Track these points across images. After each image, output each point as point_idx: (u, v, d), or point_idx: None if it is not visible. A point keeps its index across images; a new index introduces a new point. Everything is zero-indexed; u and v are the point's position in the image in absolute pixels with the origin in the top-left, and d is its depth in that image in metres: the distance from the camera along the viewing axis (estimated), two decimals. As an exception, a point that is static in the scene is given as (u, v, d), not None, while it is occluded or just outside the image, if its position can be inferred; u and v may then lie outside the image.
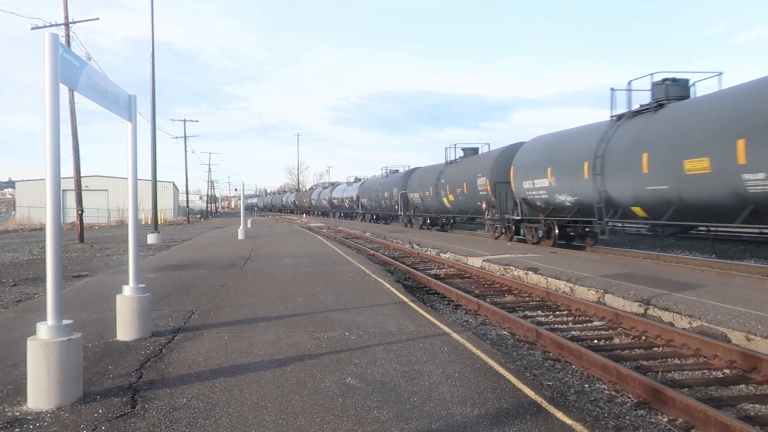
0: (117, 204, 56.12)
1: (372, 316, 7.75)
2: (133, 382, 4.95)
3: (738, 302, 8.31)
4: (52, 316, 4.38)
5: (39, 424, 4.03)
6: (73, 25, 24.55)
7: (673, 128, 12.82)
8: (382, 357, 5.72)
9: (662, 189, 12.96)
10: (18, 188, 66.94)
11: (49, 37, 4.37)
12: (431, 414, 4.20)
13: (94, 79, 5.36)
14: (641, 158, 13.44)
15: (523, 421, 4.08)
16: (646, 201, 13.67)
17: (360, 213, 47.84)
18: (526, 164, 19.69)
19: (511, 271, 13.57)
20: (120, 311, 6.49)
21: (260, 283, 11.14)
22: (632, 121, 14.58)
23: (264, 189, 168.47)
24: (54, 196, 4.40)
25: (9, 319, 7.97)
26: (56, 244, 4.44)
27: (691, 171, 11.99)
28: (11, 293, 10.98)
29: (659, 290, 9.44)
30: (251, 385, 4.86)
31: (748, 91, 11.46)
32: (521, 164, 20.02)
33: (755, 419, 4.78)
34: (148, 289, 6.79)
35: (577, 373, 6.18)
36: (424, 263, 16.98)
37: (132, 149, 6.38)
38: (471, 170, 24.97)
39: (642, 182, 13.52)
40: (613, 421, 4.82)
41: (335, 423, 4.04)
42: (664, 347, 7.11)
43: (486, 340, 7.12)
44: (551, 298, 10.31)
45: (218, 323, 7.40)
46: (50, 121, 4.34)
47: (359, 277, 11.94)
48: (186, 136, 61.78)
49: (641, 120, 14.22)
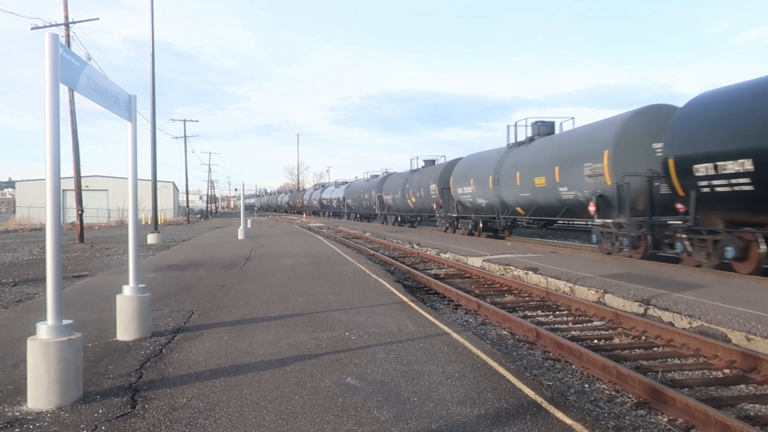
0: (117, 204, 56.11)
1: (372, 316, 7.75)
2: (133, 382, 4.95)
3: (738, 302, 8.31)
4: (52, 316, 4.38)
5: (39, 424, 4.03)
6: (73, 25, 24.57)
7: (531, 157, 19.92)
8: (382, 357, 5.72)
9: (527, 195, 20.03)
10: (18, 188, 66.95)
11: (49, 37, 4.37)
12: (431, 414, 4.20)
13: (94, 79, 5.36)
14: (516, 175, 20.57)
15: (523, 421, 4.08)
16: (521, 203, 20.78)
17: (345, 212, 54.85)
18: (459, 175, 26.36)
19: (511, 271, 13.57)
20: (120, 311, 6.49)
21: (260, 283, 11.14)
22: (515, 149, 21.62)
23: (264, 189, 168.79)
24: (54, 196, 4.40)
25: (9, 319, 7.97)
26: (56, 244, 4.43)
27: (538, 185, 18.97)
28: (11, 293, 10.98)
29: (659, 290, 9.44)
30: (251, 385, 4.86)
31: (561, 136, 19.60)
32: (456, 175, 26.69)
33: (755, 419, 4.78)
34: (148, 289, 6.79)
35: (577, 373, 6.17)
36: (424, 263, 16.98)
37: (132, 149, 6.37)
38: (426, 178, 31.52)
39: (517, 191, 20.60)
40: (613, 421, 4.82)
41: (335, 423, 4.04)
42: (664, 347, 7.11)
43: (486, 340, 7.12)
44: (551, 298, 10.31)
45: (218, 323, 7.40)
46: (50, 121, 4.33)
47: (359, 277, 11.94)
48: (186, 136, 61.84)
49: (520, 150, 21.24)
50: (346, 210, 54.86)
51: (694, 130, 12.34)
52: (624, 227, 14.77)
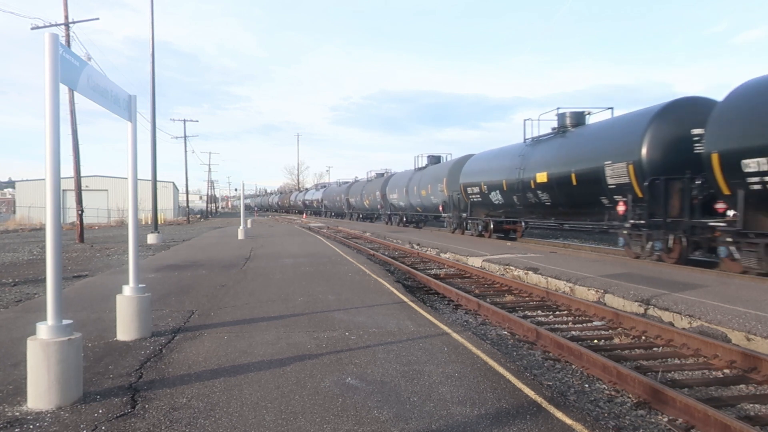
0: (117, 204, 56.07)
1: (372, 316, 7.75)
2: (133, 382, 4.95)
3: (738, 302, 8.31)
4: (52, 316, 4.37)
5: (39, 424, 4.03)
6: (73, 25, 24.56)
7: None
8: (382, 357, 5.72)
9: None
10: (18, 188, 66.93)
11: (49, 37, 4.37)
12: (431, 414, 4.20)
13: (94, 79, 5.35)
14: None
15: (523, 421, 4.08)
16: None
17: (323, 211, 66.61)
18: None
19: (511, 271, 13.57)
20: (120, 311, 6.48)
21: (260, 283, 11.14)
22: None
23: (264, 189, 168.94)
24: (54, 196, 4.39)
25: (9, 319, 7.97)
26: (56, 244, 4.43)
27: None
28: (11, 293, 10.98)
29: (659, 290, 9.44)
30: (251, 385, 4.86)
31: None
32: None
33: (755, 419, 4.78)
34: (148, 289, 6.78)
35: (577, 373, 6.17)
36: (424, 263, 16.97)
37: (132, 149, 6.37)
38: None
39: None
40: (613, 421, 4.82)
41: (335, 423, 4.04)
42: (664, 347, 7.11)
43: (486, 340, 7.12)
44: (551, 298, 10.31)
45: (218, 323, 7.39)
46: (50, 121, 4.33)
47: (359, 277, 11.94)
48: (186, 136, 61.80)
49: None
50: (323, 210, 65.28)
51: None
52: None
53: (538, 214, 20.13)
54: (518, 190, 20.16)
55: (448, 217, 28.41)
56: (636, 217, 14.10)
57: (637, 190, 14.01)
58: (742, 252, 11.54)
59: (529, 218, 21.31)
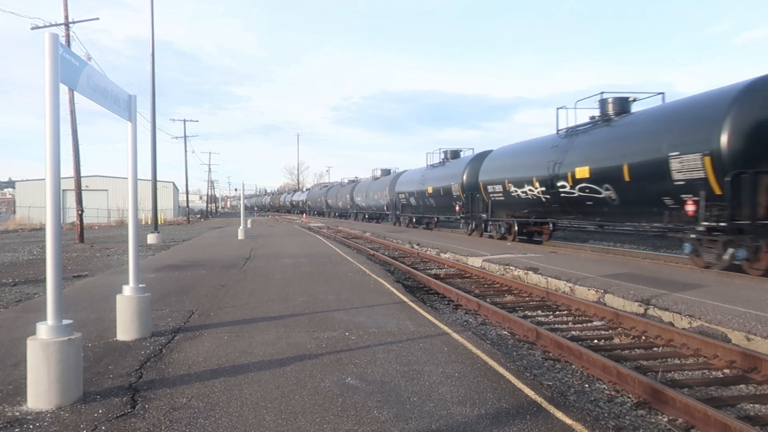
0: (117, 204, 56.09)
1: (372, 316, 7.76)
2: (133, 382, 4.95)
3: (738, 302, 8.31)
4: (52, 316, 4.37)
5: (39, 424, 4.03)
6: (73, 24, 24.56)
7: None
8: (382, 357, 5.72)
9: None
10: (18, 188, 66.96)
11: (49, 37, 4.37)
12: (431, 414, 4.20)
13: (94, 79, 5.36)
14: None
15: (523, 421, 4.08)
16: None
17: (325, 211, 68.67)
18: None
19: (511, 271, 13.57)
20: (120, 311, 6.49)
21: (260, 283, 11.14)
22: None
23: (264, 189, 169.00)
24: (54, 196, 4.39)
25: (9, 319, 7.97)
26: (56, 244, 4.43)
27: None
28: (11, 293, 10.98)
29: (659, 290, 9.44)
30: (251, 385, 4.86)
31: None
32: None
33: (755, 419, 4.78)
34: (148, 289, 6.79)
35: (577, 373, 6.17)
36: (424, 263, 16.98)
37: (132, 149, 6.37)
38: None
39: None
40: (613, 421, 4.82)
41: (335, 423, 4.04)
42: (664, 347, 7.11)
43: (486, 340, 7.12)
44: (551, 298, 10.31)
45: (218, 323, 7.40)
46: (50, 121, 4.33)
47: (359, 277, 11.94)
48: (186, 136, 61.83)
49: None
50: (307, 209, 71.82)
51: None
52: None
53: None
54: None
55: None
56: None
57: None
58: (492, 228, 9.92)
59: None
